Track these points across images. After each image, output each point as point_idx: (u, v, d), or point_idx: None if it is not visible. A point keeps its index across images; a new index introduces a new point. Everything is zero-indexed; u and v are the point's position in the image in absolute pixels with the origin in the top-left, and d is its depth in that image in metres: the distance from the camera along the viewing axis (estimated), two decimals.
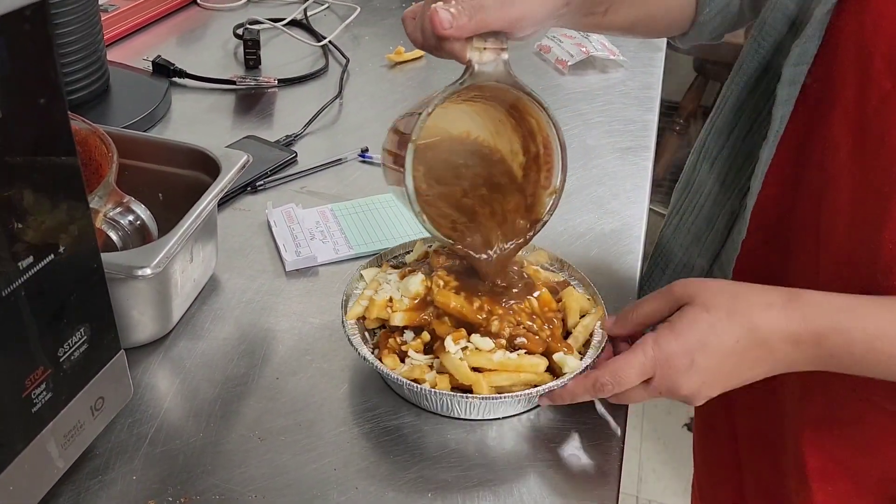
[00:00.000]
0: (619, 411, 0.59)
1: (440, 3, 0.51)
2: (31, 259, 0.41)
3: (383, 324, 0.60)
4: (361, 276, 0.63)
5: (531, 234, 0.59)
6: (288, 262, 0.71)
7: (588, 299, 0.62)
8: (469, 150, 0.60)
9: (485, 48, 0.52)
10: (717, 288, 0.54)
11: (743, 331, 0.51)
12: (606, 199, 0.84)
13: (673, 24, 0.68)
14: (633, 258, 0.75)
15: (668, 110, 2.19)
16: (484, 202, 0.60)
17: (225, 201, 0.79)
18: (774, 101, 0.57)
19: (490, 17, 0.51)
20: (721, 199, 0.65)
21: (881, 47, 0.51)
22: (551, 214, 0.59)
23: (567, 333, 0.60)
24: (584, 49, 1.12)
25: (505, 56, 0.53)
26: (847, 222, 0.55)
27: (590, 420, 0.58)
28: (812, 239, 0.58)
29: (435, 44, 0.53)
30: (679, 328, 0.52)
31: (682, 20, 0.68)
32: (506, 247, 0.59)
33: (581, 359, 0.57)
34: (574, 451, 0.56)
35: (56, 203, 0.42)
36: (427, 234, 0.57)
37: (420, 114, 0.52)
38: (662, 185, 2.53)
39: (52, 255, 0.43)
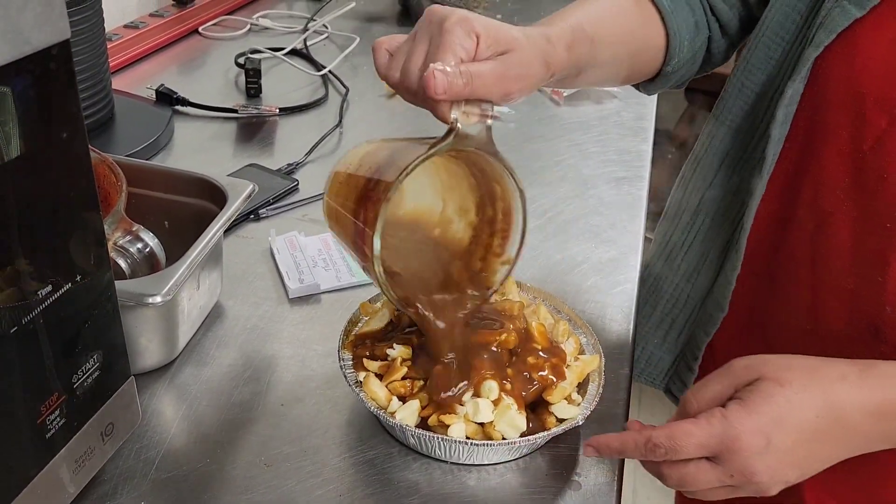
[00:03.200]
0: (618, 413, 0.60)
1: (438, 64, 0.48)
2: (49, 288, 0.42)
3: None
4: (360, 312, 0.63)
5: (481, 301, 0.57)
6: (291, 290, 0.72)
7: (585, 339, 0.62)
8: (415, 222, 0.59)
9: (471, 113, 0.50)
10: (785, 362, 0.50)
11: (822, 404, 0.48)
12: (603, 228, 0.85)
13: (640, 77, 0.70)
14: (629, 287, 0.77)
15: (661, 138, 2.22)
16: (434, 267, 0.58)
17: (229, 229, 0.80)
18: (768, 140, 0.58)
19: (486, 88, 0.50)
20: (712, 234, 0.66)
21: (872, 88, 0.52)
22: (501, 284, 0.57)
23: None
24: None
25: (489, 122, 0.51)
26: (849, 259, 0.55)
27: (591, 421, 0.59)
28: (807, 273, 0.59)
29: (415, 91, 0.50)
30: (752, 403, 0.48)
31: (648, 71, 0.69)
32: (459, 315, 0.56)
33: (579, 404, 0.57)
34: (573, 477, 0.57)
35: (75, 234, 0.44)
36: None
37: (401, 171, 0.49)
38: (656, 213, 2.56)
39: (70, 284, 0.44)
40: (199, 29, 1.29)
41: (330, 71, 1.17)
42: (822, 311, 0.58)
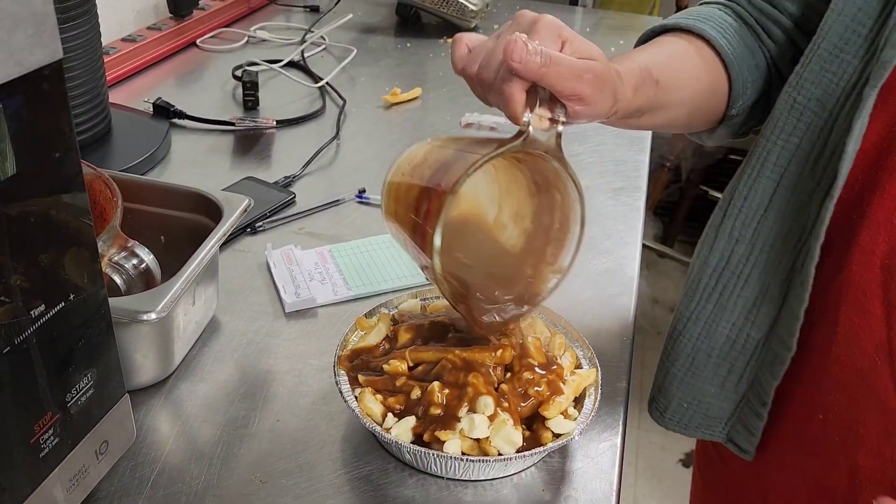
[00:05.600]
0: (613, 450, 0.60)
1: (523, 35, 0.49)
2: (42, 307, 0.42)
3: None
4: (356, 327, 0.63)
5: (529, 307, 0.58)
6: (287, 304, 0.72)
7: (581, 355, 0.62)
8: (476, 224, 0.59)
9: (543, 115, 0.51)
10: None
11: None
12: (600, 239, 0.85)
13: (706, 123, 0.67)
14: (626, 299, 0.77)
15: (659, 146, 2.23)
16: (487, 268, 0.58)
17: (225, 243, 0.80)
18: (840, 156, 0.54)
19: (560, 77, 0.49)
20: (772, 264, 0.60)
21: None
22: (551, 293, 0.58)
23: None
24: None
25: (560, 129, 0.52)
26: None
27: (587, 459, 0.59)
28: (877, 299, 0.54)
29: (490, 85, 0.51)
30: None
31: (711, 118, 0.67)
32: (505, 316, 0.57)
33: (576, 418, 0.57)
34: (571, 491, 0.56)
35: (68, 252, 0.43)
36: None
37: (469, 166, 0.50)
38: (654, 221, 2.56)
39: (63, 303, 0.44)
40: (197, 41, 1.30)
41: (327, 83, 1.18)
42: None
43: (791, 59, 0.65)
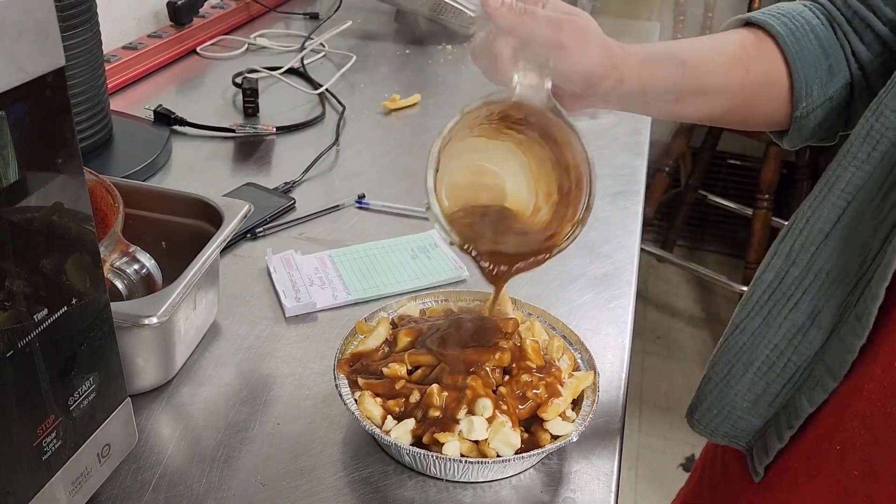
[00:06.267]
0: (611, 452, 0.60)
1: None
2: (45, 311, 0.43)
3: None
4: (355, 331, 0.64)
5: (547, 256, 0.58)
6: (288, 309, 0.72)
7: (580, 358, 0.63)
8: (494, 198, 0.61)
9: (528, 69, 0.54)
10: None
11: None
12: (598, 243, 0.86)
13: (767, 120, 0.65)
14: (625, 301, 0.77)
15: (658, 150, 2.23)
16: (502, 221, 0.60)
17: (225, 248, 0.81)
18: None
19: (537, 26, 0.53)
20: (826, 292, 0.57)
21: None
22: (570, 242, 0.58)
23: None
24: None
25: (548, 85, 0.54)
26: None
27: (585, 461, 0.59)
28: None
29: (484, 47, 0.55)
30: None
31: (774, 114, 0.64)
32: (520, 265, 0.58)
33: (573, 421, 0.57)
34: (569, 493, 0.57)
35: (70, 258, 0.44)
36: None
37: (460, 113, 0.54)
38: (653, 225, 2.57)
39: (66, 308, 0.44)
40: (198, 49, 1.31)
41: (327, 89, 1.18)
42: None
43: (883, 70, 0.62)
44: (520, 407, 0.56)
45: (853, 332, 0.54)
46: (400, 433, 0.55)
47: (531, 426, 0.57)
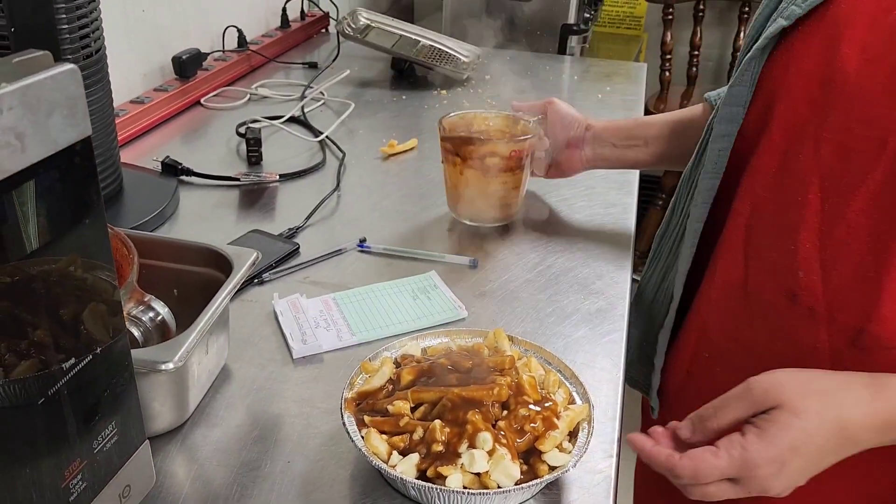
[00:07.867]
0: (607, 481, 0.63)
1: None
2: (72, 360, 0.46)
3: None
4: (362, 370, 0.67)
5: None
6: (295, 351, 0.75)
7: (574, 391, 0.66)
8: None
9: None
10: (801, 389, 0.56)
11: (834, 431, 0.55)
12: (591, 279, 0.89)
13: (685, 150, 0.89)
14: (618, 336, 0.80)
15: (650, 186, 2.27)
16: None
17: (234, 294, 0.84)
18: (711, 134, 0.73)
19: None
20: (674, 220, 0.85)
21: (799, 84, 0.65)
22: None
23: None
24: None
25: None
26: (771, 231, 0.66)
27: (582, 490, 0.62)
28: (740, 251, 0.71)
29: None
30: (770, 436, 0.54)
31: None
32: None
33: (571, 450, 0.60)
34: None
35: (95, 308, 0.47)
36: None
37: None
38: (645, 259, 2.60)
39: (91, 356, 0.47)
40: (201, 100, 1.35)
41: (327, 136, 1.23)
42: (752, 283, 0.70)
43: None
44: (518, 440, 0.59)
45: (688, 246, 0.77)
46: (405, 467, 0.57)
47: (530, 458, 0.60)
